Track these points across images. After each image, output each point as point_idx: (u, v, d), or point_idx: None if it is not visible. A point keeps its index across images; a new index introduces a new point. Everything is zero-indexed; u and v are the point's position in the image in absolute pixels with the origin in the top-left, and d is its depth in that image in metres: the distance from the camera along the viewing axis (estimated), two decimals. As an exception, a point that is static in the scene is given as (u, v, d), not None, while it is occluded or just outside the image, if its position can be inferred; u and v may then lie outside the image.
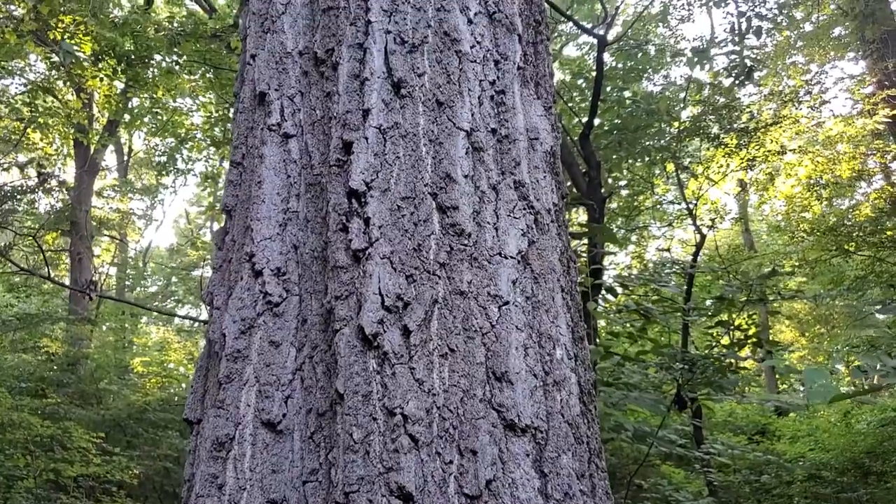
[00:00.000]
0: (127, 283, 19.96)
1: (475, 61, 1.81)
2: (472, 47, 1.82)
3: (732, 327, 4.36)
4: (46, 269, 8.94)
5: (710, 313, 4.34)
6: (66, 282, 15.32)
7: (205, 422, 1.60)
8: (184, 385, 13.34)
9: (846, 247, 9.81)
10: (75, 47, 6.71)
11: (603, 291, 4.21)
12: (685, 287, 6.52)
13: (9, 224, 11.41)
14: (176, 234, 26.39)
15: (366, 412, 1.38)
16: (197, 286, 18.65)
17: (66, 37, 7.64)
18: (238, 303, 1.66)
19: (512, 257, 1.59)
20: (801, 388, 16.12)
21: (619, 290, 4.20)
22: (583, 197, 6.00)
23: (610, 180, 8.65)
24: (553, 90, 2.08)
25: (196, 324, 18.39)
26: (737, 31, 5.93)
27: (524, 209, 1.69)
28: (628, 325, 4.36)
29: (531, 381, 1.47)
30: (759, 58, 8.47)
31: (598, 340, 4.10)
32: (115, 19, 6.92)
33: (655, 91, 10.38)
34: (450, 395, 1.39)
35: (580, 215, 9.37)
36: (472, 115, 1.73)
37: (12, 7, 8.99)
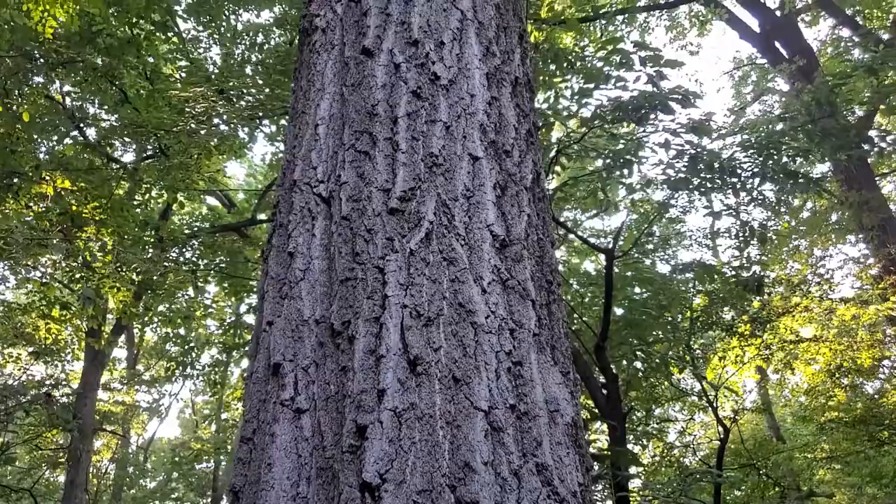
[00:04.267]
0: (126, 481, 19.11)
1: (490, 332, 1.80)
2: (486, 318, 1.82)
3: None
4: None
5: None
6: (61, 479, 14.70)
7: None
8: None
9: (878, 436, 9.40)
10: (98, 254, 7.04)
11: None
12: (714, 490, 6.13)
13: (11, 420, 11.20)
14: (180, 425, 25.77)
15: None
16: (198, 481, 17.85)
17: (86, 239, 7.99)
18: None
19: (539, 560, 1.46)
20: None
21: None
22: (601, 413, 5.85)
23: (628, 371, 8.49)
24: (570, 352, 2.06)
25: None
26: (740, 238, 6.16)
27: (548, 496, 1.58)
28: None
29: None
30: (764, 258, 8.69)
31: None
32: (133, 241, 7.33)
33: (665, 273, 10.55)
34: None
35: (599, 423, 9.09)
36: (490, 391, 1.69)
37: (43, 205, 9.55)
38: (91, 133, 11.85)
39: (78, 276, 7.03)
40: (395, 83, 2.33)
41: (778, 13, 16.33)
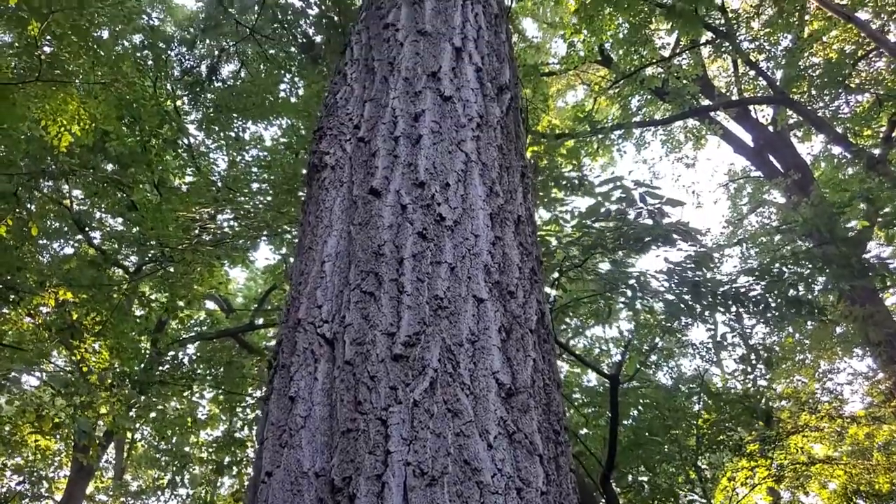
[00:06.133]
0: None
1: (497, 492, 1.73)
2: (493, 476, 1.75)
3: None
4: None
5: None
6: None
7: None
8: None
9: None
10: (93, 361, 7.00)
11: None
12: None
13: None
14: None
15: None
16: None
17: (87, 343, 7.93)
18: None
19: None
20: None
21: None
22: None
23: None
24: (579, 509, 1.98)
25: None
26: (747, 365, 6.11)
27: None
28: None
29: None
30: (769, 380, 8.57)
31: None
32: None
33: (668, 384, 10.35)
34: None
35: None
36: (497, 561, 1.60)
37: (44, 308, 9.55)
38: (96, 236, 12.03)
39: (73, 390, 6.95)
40: (402, 224, 2.37)
41: (770, 128, 16.94)
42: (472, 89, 2.88)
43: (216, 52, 12.62)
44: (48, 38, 7.78)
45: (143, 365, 7.63)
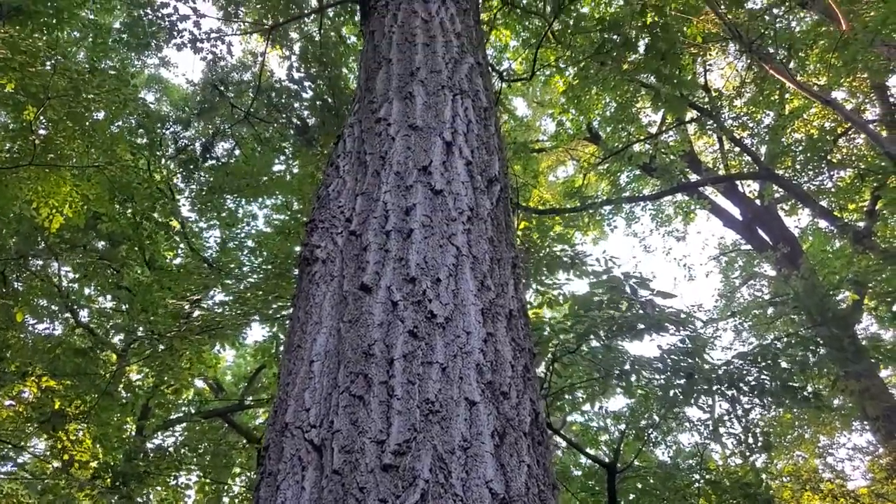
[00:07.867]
0: None
1: None
2: None
3: None
4: None
5: None
6: None
7: None
8: None
9: None
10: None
11: None
12: None
13: None
14: None
15: None
16: None
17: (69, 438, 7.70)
18: None
19: None
20: None
21: None
22: None
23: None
24: None
25: None
26: (745, 448, 6.02)
27: None
28: None
29: None
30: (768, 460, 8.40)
31: None
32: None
33: (665, 461, 10.10)
34: None
35: None
36: None
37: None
38: (84, 314, 11.87)
39: (52, 498, 6.70)
40: (393, 321, 2.33)
41: (758, 202, 17.19)
42: (462, 182, 2.90)
43: (211, 132, 12.83)
44: (43, 121, 7.89)
45: (126, 454, 7.39)
